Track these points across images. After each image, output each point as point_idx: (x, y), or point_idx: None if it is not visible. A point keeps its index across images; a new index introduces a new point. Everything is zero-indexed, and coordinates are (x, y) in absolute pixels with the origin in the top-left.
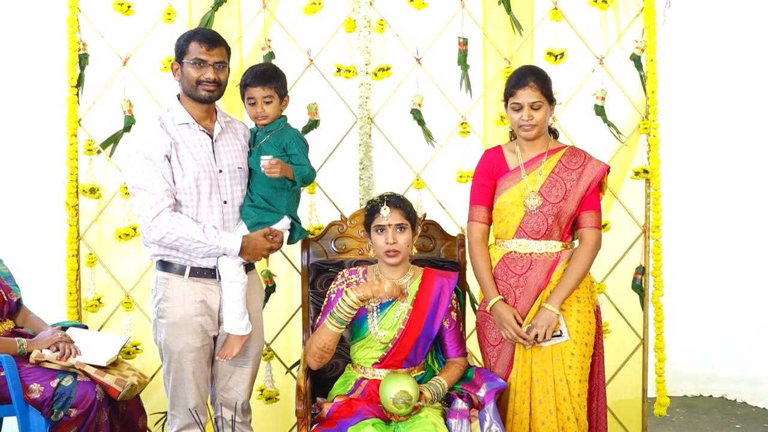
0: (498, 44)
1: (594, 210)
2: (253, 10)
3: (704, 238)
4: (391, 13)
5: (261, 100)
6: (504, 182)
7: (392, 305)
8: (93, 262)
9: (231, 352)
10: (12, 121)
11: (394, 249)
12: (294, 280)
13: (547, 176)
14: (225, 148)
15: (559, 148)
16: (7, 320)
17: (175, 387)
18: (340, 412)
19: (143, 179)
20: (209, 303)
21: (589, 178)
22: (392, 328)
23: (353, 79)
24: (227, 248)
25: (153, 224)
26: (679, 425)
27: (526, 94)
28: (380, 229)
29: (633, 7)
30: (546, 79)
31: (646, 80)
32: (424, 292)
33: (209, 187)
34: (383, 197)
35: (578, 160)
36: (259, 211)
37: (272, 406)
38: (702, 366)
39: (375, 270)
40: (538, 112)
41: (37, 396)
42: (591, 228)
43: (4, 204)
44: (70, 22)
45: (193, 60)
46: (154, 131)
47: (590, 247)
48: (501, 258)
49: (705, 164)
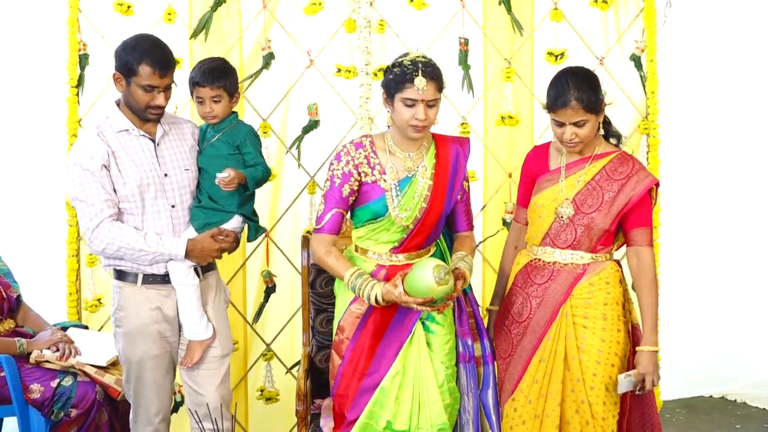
0: (498, 44)
1: (646, 227)
2: (253, 11)
3: (704, 238)
4: (392, 14)
5: (209, 99)
6: (542, 182)
7: (411, 181)
8: (93, 262)
9: (191, 358)
10: (12, 121)
11: (423, 125)
12: (294, 281)
13: (586, 183)
14: (169, 150)
15: (607, 153)
16: (7, 319)
17: (137, 396)
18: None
19: (82, 191)
20: (165, 310)
21: (631, 192)
22: (414, 207)
23: (353, 80)
24: (171, 254)
25: (93, 236)
26: (679, 426)
27: (567, 114)
28: (410, 102)
29: (633, 8)
30: (591, 90)
31: (646, 81)
32: (442, 164)
33: (154, 192)
34: (416, 63)
35: (624, 170)
36: (207, 212)
37: (272, 407)
38: (702, 366)
39: (385, 141)
40: (582, 129)
41: (37, 396)
42: (646, 247)
43: (4, 204)
44: (71, 23)
45: (144, 86)
46: (91, 141)
47: (652, 271)
48: (525, 264)
49: (704, 165)
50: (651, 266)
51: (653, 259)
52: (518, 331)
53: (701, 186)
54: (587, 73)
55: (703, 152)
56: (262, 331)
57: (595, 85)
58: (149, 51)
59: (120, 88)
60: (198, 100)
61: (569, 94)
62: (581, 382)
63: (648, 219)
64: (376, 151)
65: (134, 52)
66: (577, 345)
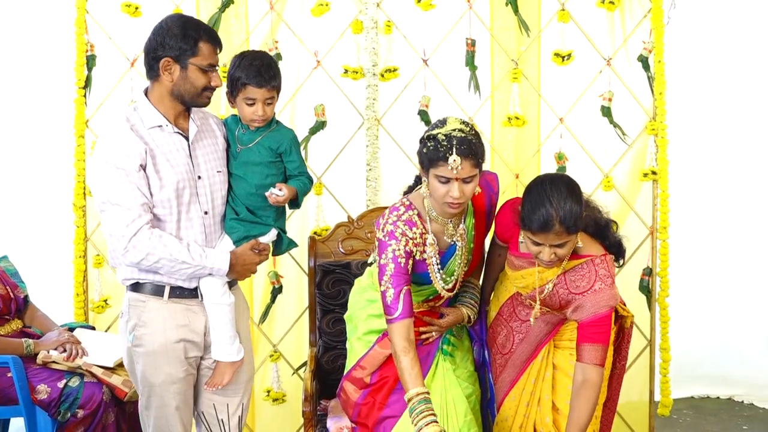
0: (505, 45)
1: (601, 344)
2: (261, 12)
3: (713, 239)
4: (399, 15)
5: (263, 102)
6: (516, 259)
7: (454, 255)
8: (100, 263)
9: (221, 380)
10: (20, 122)
11: (459, 202)
12: (301, 281)
13: (551, 291)
14: (203, 150)
15: (577, 256)
16: (15, 319)
17: (158, 425)
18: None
19: (116, 193)
20: (193, 327)
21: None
22: (458, 273)
23: (360, 81)
24: (215, 267)
25: (131, 245)
26: (686, 426)
27: (549, 238)
28: (444, 180)
29: (640, 9)
30: (576, 205)
31: (653, 81)
32: (479, 217)
33: (189, 197)
34: (451, 139)
35: (584, 285)
36: (246, 224)
37: (279, 408)
38: (709, 367)
39: (425, 207)
40: (563, 249)
41: (44, 397)
42: (596, 366)
43: (12, 205)
44: (78, 24)
45: (206, 65)
46: (125, 137)
47: (596, 390)
48: (510, 296)
49: (713, 165)
50: (597, 386)
51: (601, 379)
52: (501, 362)
53: (710, 187)
54: (570, 184)
55: (711, 153)
56: (269, 332)
57: (579, 198)
58: (201, 25)
59: (168, 78)
60: (248, 101)
61: (553, 219)
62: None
63: (605, 337)
64: (425, 224)
65: (185, 29)
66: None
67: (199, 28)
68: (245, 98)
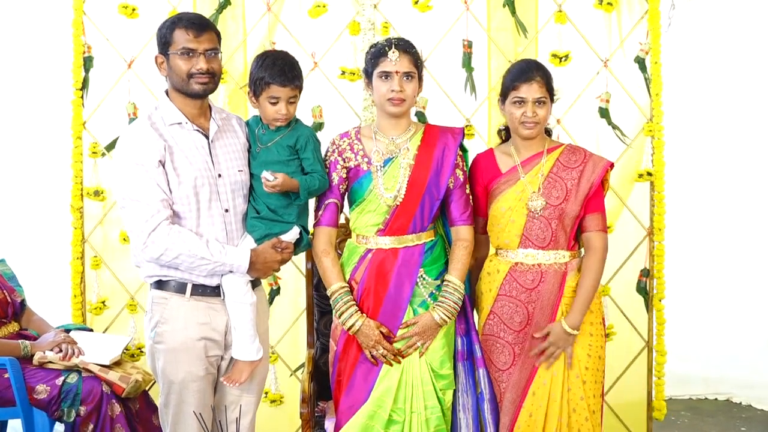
0: (502, 47)
1: (599, 212)
2: (258, 13)
3: (710, 240)
4: (396, 16)
5: (286, 101)
6: (498, 185)
7: (394, 160)
8: (98, 264)
9: (239, 377)
10: (17, 123)
11: (399, 97)
12: (299, 283)
13: (546, 176)
14: (223, 149)
15: (556, 146)
16: (11, 322)
17: (176, 422)
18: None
19: (135, 189)
20: (214, 325)
21: (592, 176)
22: (395, 187)
23: (357, 82)
24: (234, 264)
25: (150, 240)
26: (684, 428)
27: (532, 89)
28: (385, 76)
29: (637, 10)
30: (550, 74)
31: (650, 83)
32: (426, 147)
33: (209, 194)
34: (390, 40)
35: (578, 158)
36: (267, 222)
37: (277, 409)
38: (707, 369)
39: (372, 128)
40: (541, 109)
41: (44, 396)
42: (597, 232)
43: (9, 207)
44: (75, 25)
45: (180, 50)
46: (145, 133)
47: (600, 254)
48: (507, 271)
49: (709, 167)
50: (601, 249)
51: (605, 244)
52: (515, 339)
53: (707, 188)
54: (543, 65)
55: (708, 154)
56: None
57: (551, 74)
58: (180, 16)
59: (164, 72)
60: (271, 100)
61: (534, 71)
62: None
63: (601, 204)
64: (361, 138)
65: (166, 23)
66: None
67: (180, 18)
68: (268, 97)
